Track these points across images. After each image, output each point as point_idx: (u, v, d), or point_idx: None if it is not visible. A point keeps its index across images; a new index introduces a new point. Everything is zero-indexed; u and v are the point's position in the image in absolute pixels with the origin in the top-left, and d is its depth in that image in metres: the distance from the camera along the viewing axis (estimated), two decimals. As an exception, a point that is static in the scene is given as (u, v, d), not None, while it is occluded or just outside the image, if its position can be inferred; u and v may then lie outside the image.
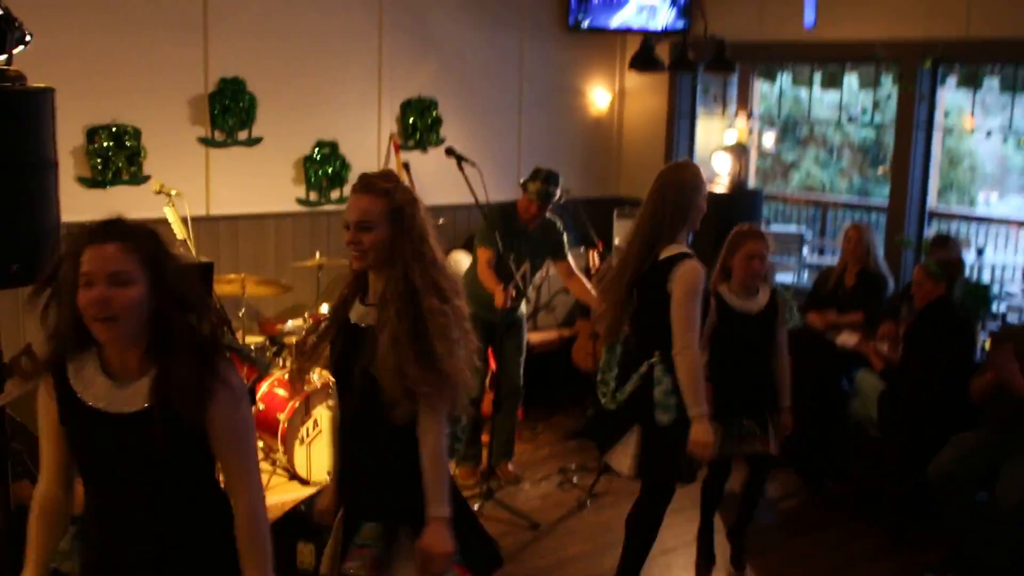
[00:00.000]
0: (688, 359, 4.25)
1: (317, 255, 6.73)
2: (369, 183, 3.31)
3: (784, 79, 8.46)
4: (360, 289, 3.39)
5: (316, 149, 7.36)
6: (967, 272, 6.67)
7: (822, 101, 9.09)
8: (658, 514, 4.57)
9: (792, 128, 14.27)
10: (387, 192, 3.26)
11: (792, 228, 9.38)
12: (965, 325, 5.94)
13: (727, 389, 4.84)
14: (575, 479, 6.47)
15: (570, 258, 6.45)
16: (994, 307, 6.55)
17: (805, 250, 10.55)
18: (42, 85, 4.27)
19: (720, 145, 8.33)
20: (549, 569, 5.30)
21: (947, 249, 6.64)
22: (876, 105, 7.86)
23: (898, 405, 5.82)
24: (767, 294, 5.08)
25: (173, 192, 6.06)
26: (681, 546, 5.43)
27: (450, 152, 6.21)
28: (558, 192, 6.22)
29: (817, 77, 8.08)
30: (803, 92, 8.65)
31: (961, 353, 5.80)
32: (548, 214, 6.32)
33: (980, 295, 6.25)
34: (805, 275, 8.53)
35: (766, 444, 4.99)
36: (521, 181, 6.32)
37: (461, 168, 6.10)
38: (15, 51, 4.18)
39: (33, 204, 4.20)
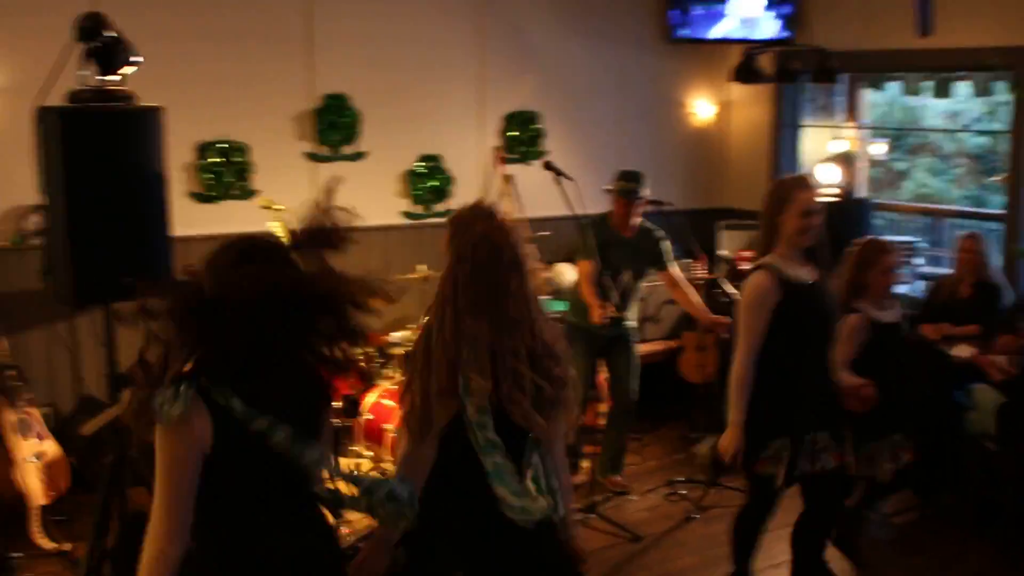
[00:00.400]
0: (735, 365, 4.29)
1: (424, 267, 6.77)
2: None
3: (893, 88, 8.25)
4: None
5: (420, 162, 7.43)
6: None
7: (934, 109, 8.91)
8: (755, 516, 4.57)
9: (903, 137, 14.01)
10: None
11: (903, 238, 9.15)
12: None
13: (886, 404, 4.82)
14: (683, 491, 6.40)
15: (674, 267, 6.39)
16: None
17: (918, 260, 10.32)
18: (152, 104, 4.39)
19: (827, 155, 8.18)
20: (656, 582, 5.26)
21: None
22: (991, 113, 7.64)
23: (1017, 418, 5.64)
24: (896, 304, 5.16)
25: (279, 207, 6.16)
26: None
27: (548, 166, 6.22)
28: (644, 189, 6.17)
29: (928, 85, 7.86)
30: (913, 101, 8.46)
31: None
32: (646, 223, 6.27)
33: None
34: (919, 285, 8.31)
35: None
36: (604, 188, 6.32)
37: (559, 182, 6.11)
38: (125, 71, 4.31)
39: (145, 218, 4.32)
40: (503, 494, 3.00)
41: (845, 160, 7.77)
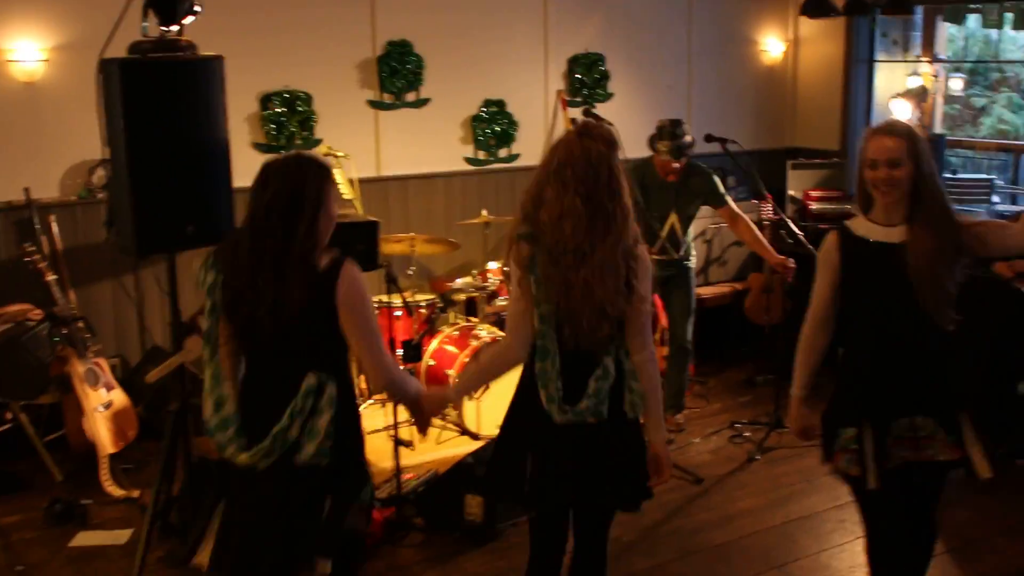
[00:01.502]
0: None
1: (484, 213, 6.77)
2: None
3: (972, 20, 7.99)
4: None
5: (483, 108, 7.41)
6: None
7: (1015, 42, 8.63)
8: (871, 539, 3.94)
9: (982, 72, 13.62)
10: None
11: (981, 175, 8.94)
12: None
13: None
14: (746, 433, 6.37)
15: (731, 203, 6.22)
16: None
17: (995, 198, 10.07)
18: (212, 54, 4.40)
19: (900, 91, 8.00)
20: (718, 523, 5.24)
21: None
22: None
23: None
24: None
25: (340, 154, 6.18)
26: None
27: (587, 113, 6.15)
28: (689, 136, 6.06)
29: (1008, 17, 7.58)
30: (993, 34, 8.19)
31: None
32: (692, 161, 6.16)
33: None
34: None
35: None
36: (648, 140, 6.17)
37: None
38: (185, 21, 4.32)
39: (206, 168, 4.37)
40: (541, 395, 3.37)
41: (918, 96, 7.57)
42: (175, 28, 4.29)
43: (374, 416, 6.37)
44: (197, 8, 4.36)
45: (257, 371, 3.32)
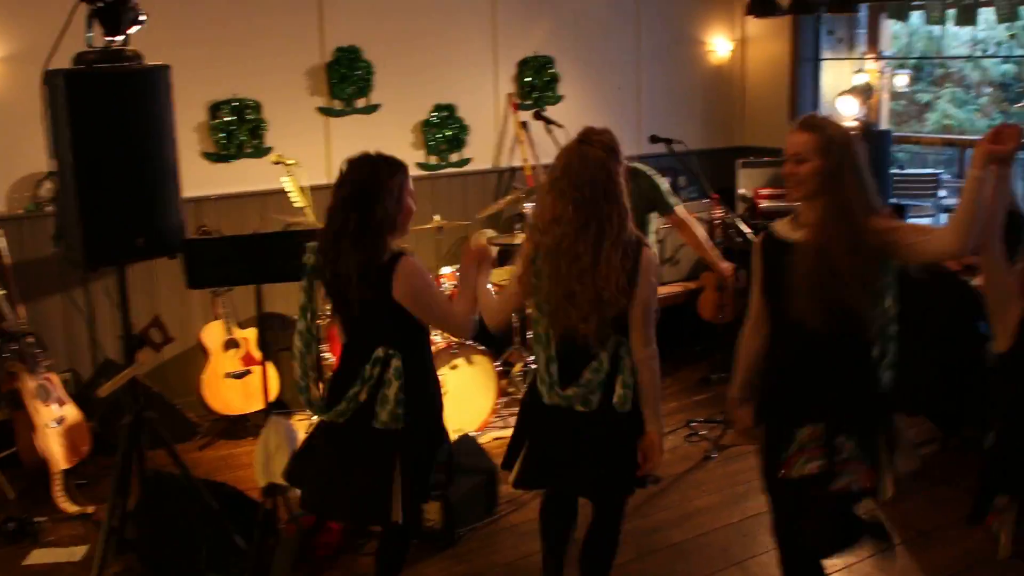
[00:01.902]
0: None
1: (436, 218, 6.76)
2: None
3: (916, 18, 8.09)
4: None
5: (434, 113, 7.40)
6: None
7: (958, 39, 8.75)
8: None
9: (927, 68, 13.78)
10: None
11: (927, 170, 9.05)
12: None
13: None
14: (702, 432, 6.41)
15: (679, 209, 6.00)
16: None
17: (942, 192, 10.20)
18: (158, 63, 4.37)
19: (847, 88, 8.08)
20: (676, 521, 5.26)
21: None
22: (1014, 37, 7.49)
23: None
24: None
25: (290, 162, 6.15)
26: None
27: (538, 116, 6.15)
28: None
29: (951, 14, 7.66)
30: (937, 30, 8.29)
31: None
32: (636, 164, 5.80)
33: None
34: (942, 218, 8.24)
35: None
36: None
37: (549, 131, 6.06)
38: (130, 31, 4.29)
39: (155, 178, 4.33)
40: (536, 381, 3.76)
41: (863, 93, 7.66)
42: (120, 38, 4.26)
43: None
44: (142, 18, 4.33)
45: (347, 343, 3.84)
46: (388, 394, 3.64)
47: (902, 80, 8.97)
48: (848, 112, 7.54)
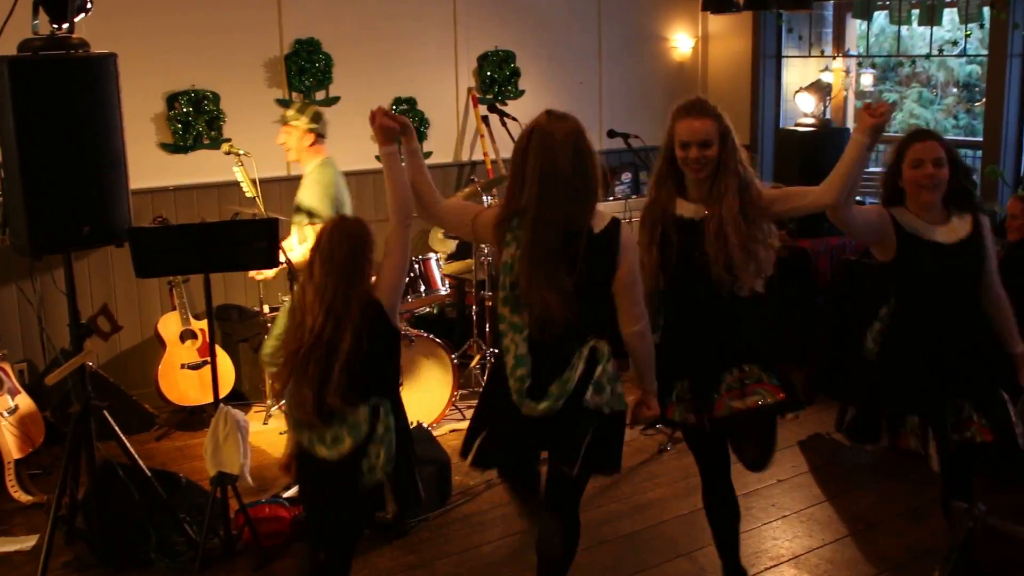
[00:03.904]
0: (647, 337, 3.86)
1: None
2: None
3: (882, 18, 8.13)
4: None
5: (394, 106, 7.40)
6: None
7: (925, 39, 8.78)
8: None
9: (893, 67, 13.85)
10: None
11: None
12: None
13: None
14: (658, 425, 6.41)
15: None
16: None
17: (905, 190, 10.26)
18: (107, 51, 4.35)
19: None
20: (627, 513, 5.28)
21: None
22: (968, 36, 7.55)
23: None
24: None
25: (242, 152, 6.14)
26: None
27: (493, 109, 6.17)
28: None
29: (914, 14, 7.70)
30: (904, 30, 8.33)
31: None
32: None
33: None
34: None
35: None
36: None
37: (504, 125, 6.07)
38: (77, 19, 4.27)
39: (101, 167, 4.31)
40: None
41: (822, 90, 7.70)
42: (66, 26, 4.24)
43: (282, 417, 6.33)
44: (88, 5, 4.32)
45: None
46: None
47: (868, 79, 9.03)
48: (806, 108, 7.57)
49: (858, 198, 8.30)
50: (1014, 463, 4.53)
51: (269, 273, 5.78)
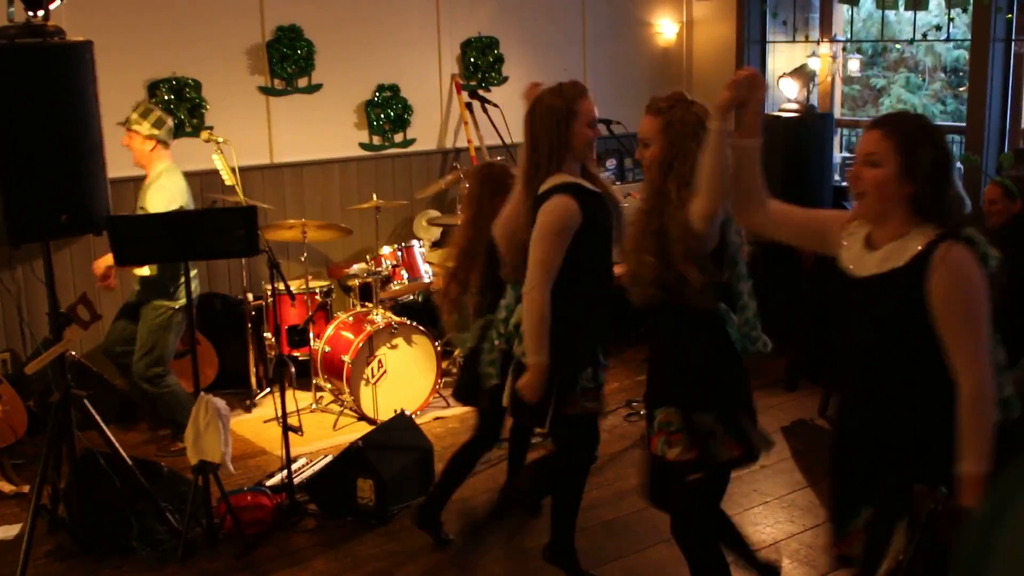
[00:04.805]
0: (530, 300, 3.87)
1: (374, 197, 6.73)
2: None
3: (868, 2, 8.10)
4: None
5: (377, 93, 7.38)
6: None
7: (911, 23, 8.78)
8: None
9: (880, 52, 13.86)
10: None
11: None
12: (1040, 244, 5.71)
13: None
14: (642, 412, 6.42)
15: None
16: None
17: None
18: (84, 39, 4.33)
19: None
20: (610, 500, 5.29)
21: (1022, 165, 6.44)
22: (952, 20, 7.53)
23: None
24: None
25: (220, 140, 6.12)
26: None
27: (474, 96, 6.15)
28: None
29: (903, -1, 7.64)
30: (892, 15, 8.29)
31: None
32: None
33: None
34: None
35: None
36: None
37: (486, 111, 6.06)
38: (52, 6, 4.25)
39: (78, 155, 4.29)
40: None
41: (806, 76, 7.69)
42: (42, 13, 4.22)
43: (266, 405, 6.35)
44: (65, -7, 4.30)
45: None
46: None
47: (855, 65, 9.02)
48: (789, 94, 7.57)
49: (845, 183, 8.31)
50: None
51: (145, 270, 5.61)
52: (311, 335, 6.35)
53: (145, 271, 5.49)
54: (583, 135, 3.91)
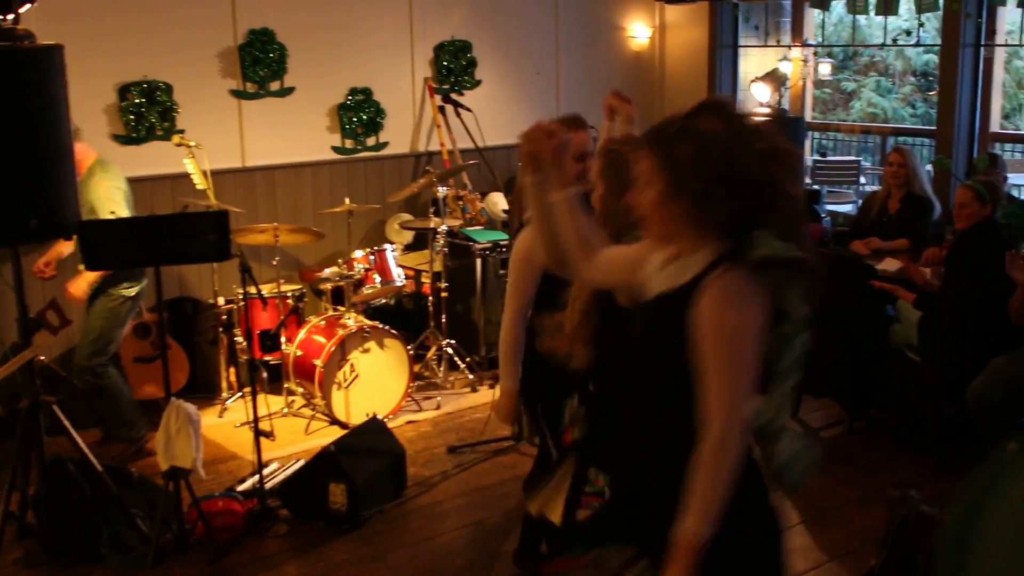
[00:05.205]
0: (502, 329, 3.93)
1: (347, 201, 6.72)
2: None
3: (839, 6, 8.16)
4: None
5: (350, 96, 7.37)
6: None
7: (882, 27, 8.86)
8: None
9: (851, 56, 13.97)
10: None
11: (849, 158, 9.20)
12: (1008, 247, 5.76)
13: None
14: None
15: None
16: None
17: (863, 179, 10.37)
18: (55, 43, 4.30)
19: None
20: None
21: (995, 168, 6.50)
22: (922, 25, 7.60)
23: (938, 330, 5.69)
24: None
25: (192, 144, 6.10)
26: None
27: (447, 99, 6.16)
28: None
29: (871, 3, 7.69)
30: (862, 19, 8.36)
31: (1004, 276, 5.65)
32: None
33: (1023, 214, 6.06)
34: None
35: None
36: None
37: (459, 115, 6.06)
38: (22, 9, 4.22)
39: (48, 160, 4.26)
40: None
41: (778, 80, 7.74)
42: (11, 17, 4.19)
43: (237, 410, 6.33)
44: (35, -3, 4.27)
45: None
46: None
47: (826, 68, 9.09)
48: (760, 98, 7.61)
49: (816, 187, 8.39)
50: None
51: (91, 277, 5.57)
52: (283, 339, 6.35)
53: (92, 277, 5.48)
54: (569, 167, 3.79)
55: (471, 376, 6.78)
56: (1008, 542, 1.81)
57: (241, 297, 6.28)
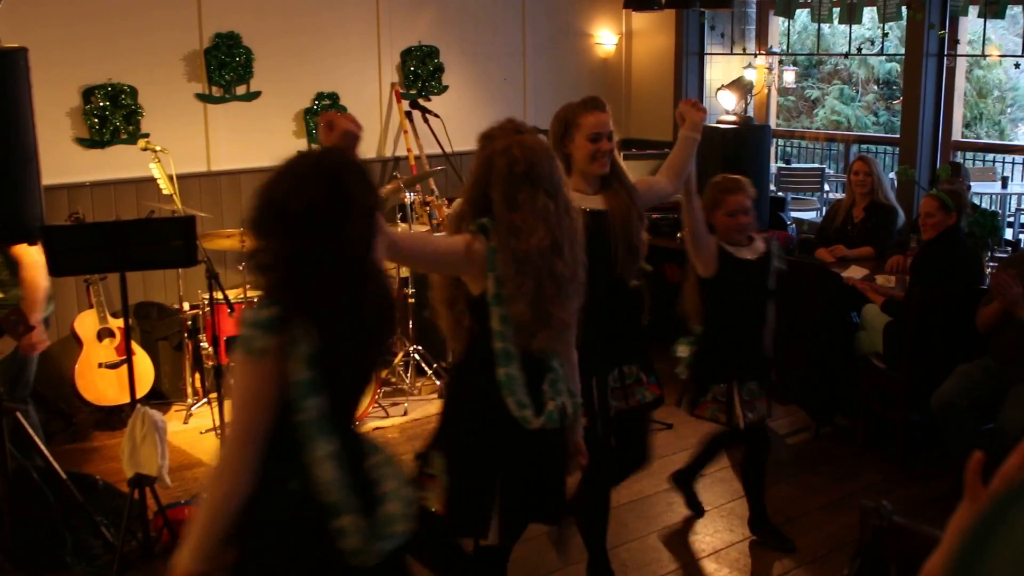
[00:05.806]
0: None
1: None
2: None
3: (805, 16, 8.22)
4: None
5: (316, 101, 7.34)
6: (985, 202, 6.56)
7: (845, 36, 8.94)
8: None
9: (815, 64, 14.06)
10: None
11: (813, 165, 9.26)
12: (973, 256, 5.83)
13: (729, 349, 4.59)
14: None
15: None
16: (1008, 235, 6.44)
17: (826, 186, 10.45)
18: (19, 45, 4.25)
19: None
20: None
21: (958, 177, 6.56)
22: (885, 35, 7.66)
23: (903, 337, 5.74)
24: (756, 243, 4.61)
25: (158, 148, 6.05)
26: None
27: (414, 105, 6.16)
28: None
29: (836, 12, 7.75)
30: (827, 28, 8.43)
31: (968, 284, 5.70)
32: None
33: (988, 224, 6.13)
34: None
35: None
36: None
37: (426, 121, 6.06)
38: (-13, 11, 4.17)
39: (12, 164, 4.20)
40: (509, 403, 3.09)
41: (744, 87, 7.78)
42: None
43: (203, 415, 6.27)
44: (-2, -1, 4.22)
45: None
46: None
47: (790, 76, 9.15)
48: (727, 105, 7.65)
49: (781, 194, 8.45)
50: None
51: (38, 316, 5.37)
52: (249, 345, 6.28)
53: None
54: (584, 148, 3.87)
55: (438, 382, 6.76)
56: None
57: (207, 303, 6.22)
